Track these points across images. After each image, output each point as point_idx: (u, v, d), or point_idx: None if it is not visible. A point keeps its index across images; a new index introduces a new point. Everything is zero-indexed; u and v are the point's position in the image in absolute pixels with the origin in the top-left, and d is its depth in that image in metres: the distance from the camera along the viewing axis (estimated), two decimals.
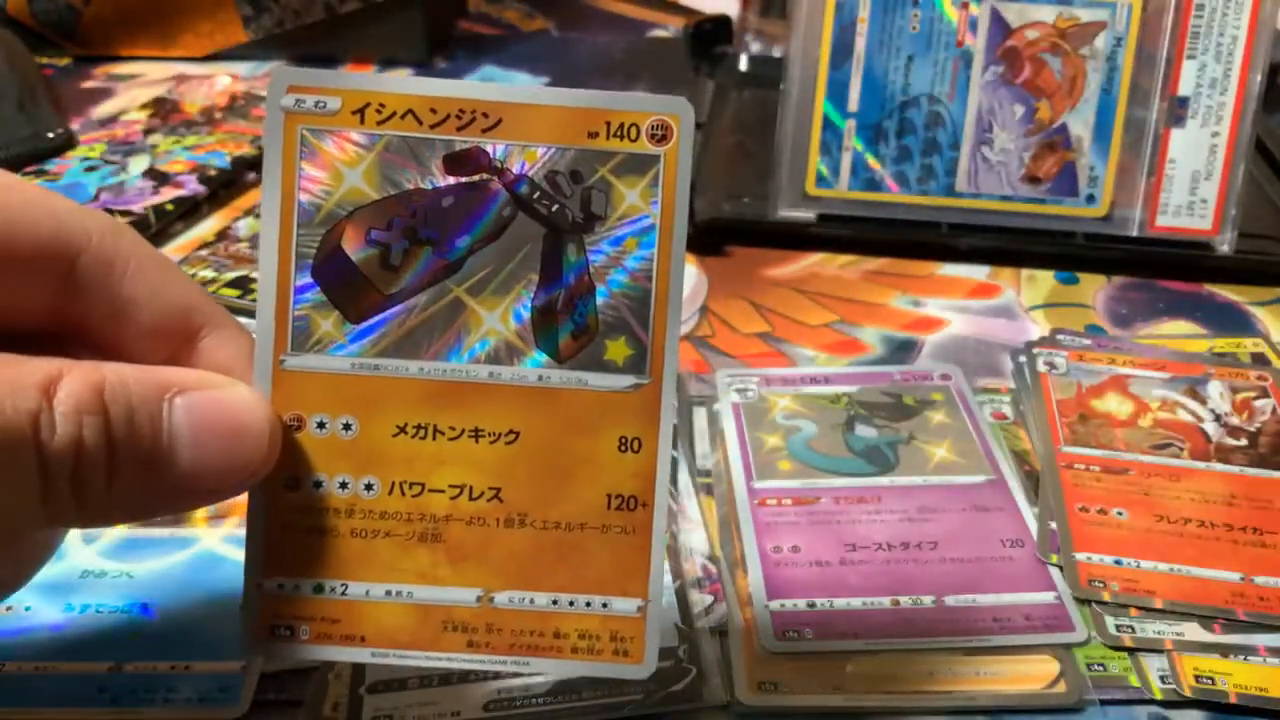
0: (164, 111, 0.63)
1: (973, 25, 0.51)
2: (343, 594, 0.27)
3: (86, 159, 0.57)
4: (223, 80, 0.66)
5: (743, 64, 0.67)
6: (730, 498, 0.39)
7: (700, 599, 0.35)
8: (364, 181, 0.26)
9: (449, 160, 0.26)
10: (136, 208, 0.53)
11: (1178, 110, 0.51)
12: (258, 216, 0.53)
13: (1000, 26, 0.51)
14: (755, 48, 0.69)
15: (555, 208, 0.27)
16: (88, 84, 0.69)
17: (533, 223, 0.27)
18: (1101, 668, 0.33)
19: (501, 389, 0.27)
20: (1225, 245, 0.51)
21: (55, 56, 0.72)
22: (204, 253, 0.50)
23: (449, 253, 0.27)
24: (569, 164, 0.27)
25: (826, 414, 0.42)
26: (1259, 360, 0.46)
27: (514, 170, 0.27)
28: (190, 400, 0.25)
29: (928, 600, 0.35)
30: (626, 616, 0.27)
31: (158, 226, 0.53)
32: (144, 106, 0.63)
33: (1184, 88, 0.50)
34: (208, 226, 0.55)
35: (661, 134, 0.27)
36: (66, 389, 0.23)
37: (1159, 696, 0.32)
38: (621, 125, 0.26)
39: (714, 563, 0.36)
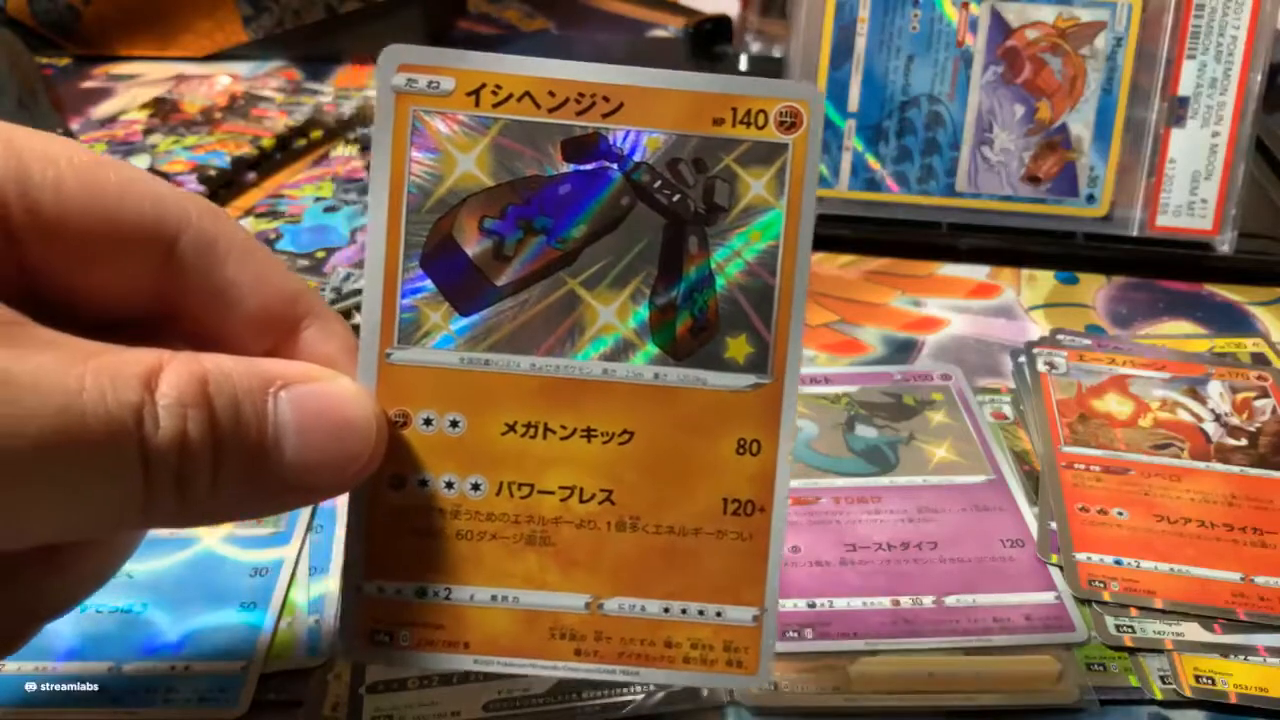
0: (164, 111, 0.63)
1: (973, 25, 0.51)
2: (446, 598, 0.26)
3: None
4: (223, 80, 0.66)
5: (743, 64, 0.67)
6: None
7: None
8: (477, 167, 0.25)
9: (567, 146, 0.25)
10: None
11: (1178, 110, 0.50)
12: (258, 216, 0.53)
13: (1000, 26, 0.51)
14: (755, 48, 0.69)
15: (677, 197, 0.25)
16: (88, 84, 0.69)
17: (653, 213, 0.26)
18: (1101, 668, 0.33)
19: (616, 387, 0.26)
20: (1225, 245, 0.51)
21: (55, 56, 0.72)
22: None
23: (565, 243, 0.26)
24: (692, 151, 0.25)
25: (826, 414, 0.42)
26: (1259, 360, 0.46)
27: (634, 157, 0.25)
28: (296, 394, 0.24)
29: (928, 600, 0.35)
30: (741, 626, 0.26)
31: None
32: (144, 106, 0.63)
33: (1184, 88, 0.50)
34: None
35: (791, 121, 0.25)
36: (169, 380, 0.22)
37: (1159, 696, 0.32)
38: (749, 112, 0.25)
39: None
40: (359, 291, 0.47)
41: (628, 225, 0.26)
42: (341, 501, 0.38)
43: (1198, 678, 0.32)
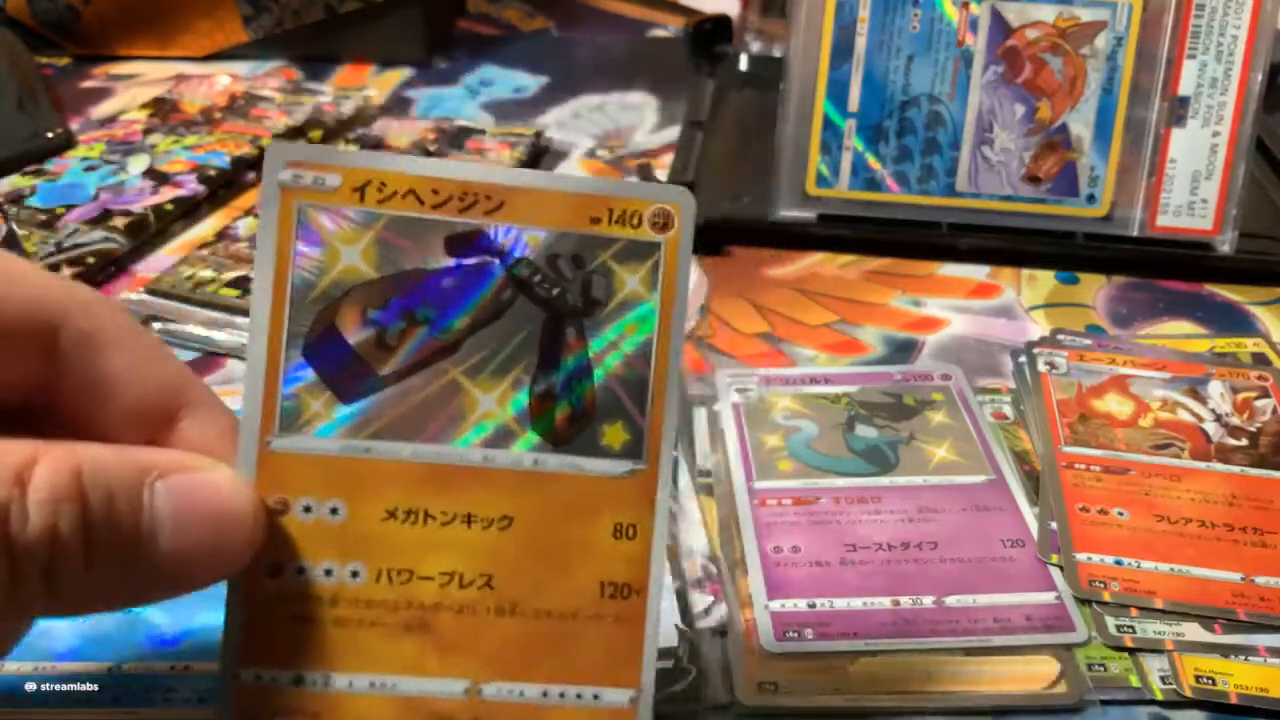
0: (164, 111, 0.63)
1: (973, 25, 0.51)
2: (324, 686, 0.26)
3: (86, 159, 0.57)
4: (222, 80, 0.66)
5: (743, 64, 0.67)
6: (730, 498, 0.39)
7: (700, 599, 0.35)
8: (362, 260, 0.26)
9: (450, 241, 0.26)
10: (136, 207, 0.53)
11: (1178, 110, 0.50)
12: (257, 216, 0.53)
13: (1000, 26, 0.51)
14: (755, 48, 0.69)
15: (556, 291, 0.26)
16: (87, 84, 0.69)
17: (533, 306, 0.26)
18: (1102, 668, 0.33)
19: (496, 473, 0.26)
20: (1226, 245, 0.51)
21: (55, 56, 0.72)
22: (204, 252, 0.50)
23: (447, 334, 0.26)
24: (571, 248, 0.26)
25: (827, 414, 0.42)
26: (1260, 360, 0.46)
27: (515, 253, 0.26)
28: (172, 483, 0.24)
29: (928, 600, 0.35)
30: (618, 708, 0.27)
31: (157, 226, 0.53)
32: (144, 106, 0.63)
33: (1184, 87, 0.50)
34: (208, 226, 0.55)
35: (663, 221, 0.26)
36: (42, 474, 0.22)
37: (1159, 697, 0.32)
38: (624, 212, 0.26)
39: (714, 563, 0.36)
40: None
41: (509, 317, 0.26)
42: None
43: (1198, 678, 0.32)
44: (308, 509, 0.26)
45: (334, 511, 0.26)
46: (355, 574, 0.26)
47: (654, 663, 0.27)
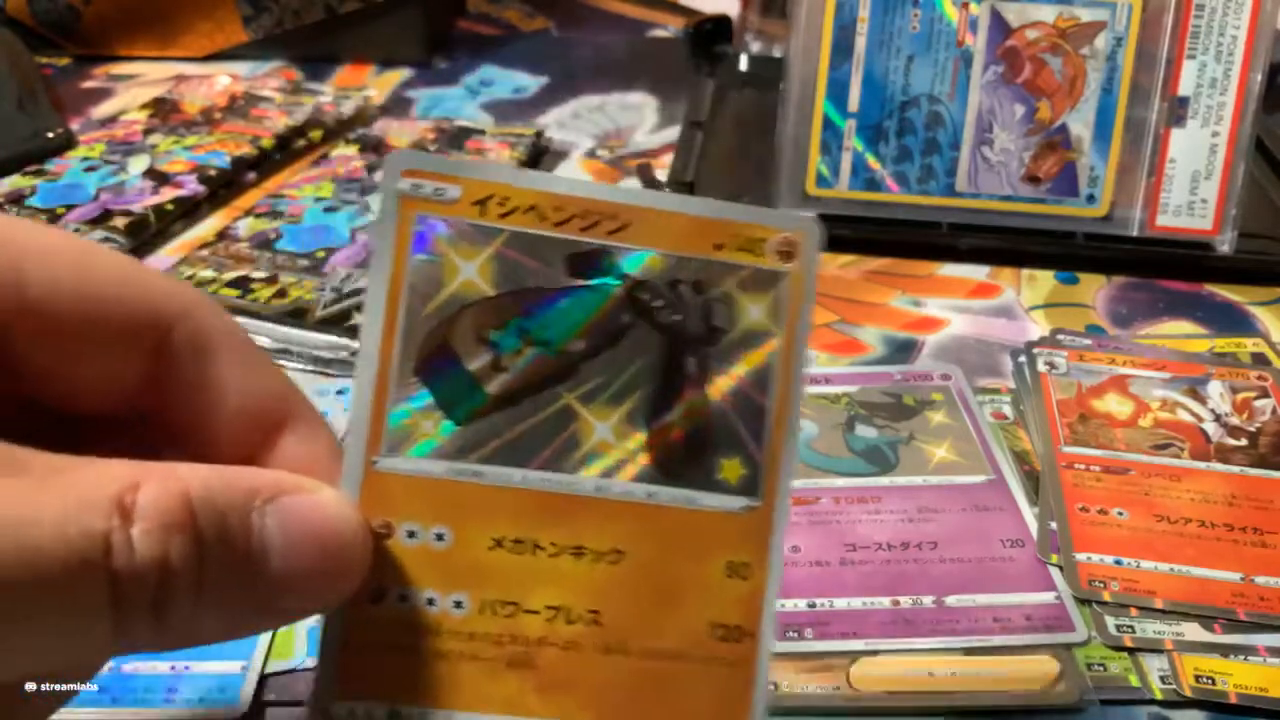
0: (164, 111, 0.63)
1: (973, 25, 0.51)
2: None
3: (86, 159, 0.57)
4: (223, 80, 0.66)
5: (743, 64, 0.67)
6: None
7: None
8: (479, 275, 0.25)
9: (571, 261, 0.25)
10: (136, 208, 0.53)
11: (1178, 110, 0.50)
12: (258, 216, 0.53)
13: (1000, 26, 0.51)
14: (755, 48, 0.69)
15: (676, 317, 0.25)
16: (87, 84, 0.69)
17: (652, 332, 0.25)
18: (1102, 668, 0.33)
19: (608, 504, 0.25)
20: (1225, 245, 0.51)
21: (55, 56, 0.72)
22: (204, 253, 0.50)
23: (563, 357, 0.25)
24: (693, 273, 0.25)
25: (826, 414, 0.42)
26: (1259, 360, 0.46)
27: (637, 276, 0.25)
28: (282, 506, 0.22)
29: (928, 600, 0.35)
30: None
31: (157, 226, 0.53)
32: (144, 106, 0.63)
33: (1184, 87, 0.50)
34: (208, 226, 0.55)
35: (788, 251, 0.26)
36: (147, 499, 0.21)
37: (1159, 697, 0.32)
38: (748, 239, 0.25)
39: None
40: (359, 291, 0.47)
41: (627, 342, 0.25)
42: None
43: (1198, 678, 0.32)
44: (412, 534, 0.25)
45: (439, 537, 0.25)
46: (459, 604, 0.25)
47: (764, 712, 0.25)
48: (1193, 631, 0.34)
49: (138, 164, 0.57)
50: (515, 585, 0.25)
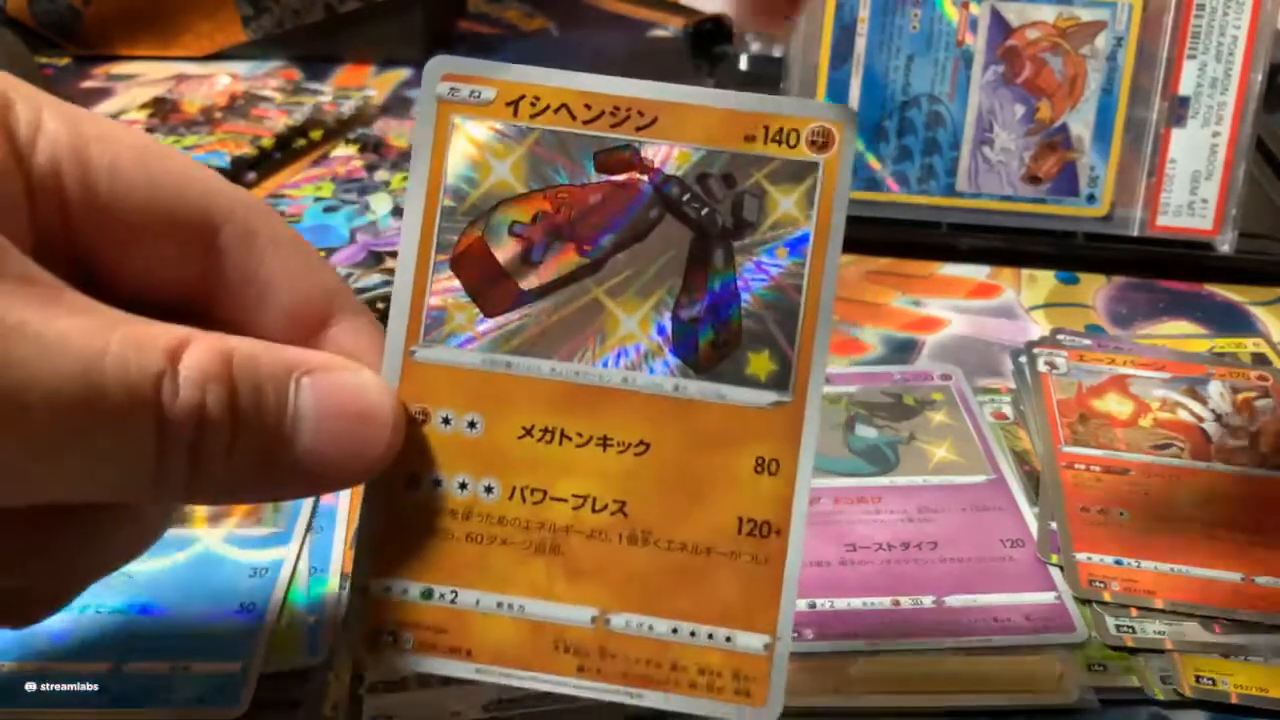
0: (164, 111, 0.63)
1: (973, 25, 0.51)
2: (452, 602, 0.26)
3: None
4: (222, 80, 0.66)
5: (743, 64, 0.67)
6: None
7: None
8: (512, 174, 0.26)
9: (600, 157, 0.26)
10: None
11: (1178, 110, 0.50)
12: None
13: (1000, 26, 0.51)
14: (755, 48, 0.69)
15: (705, 212, 0.26)
16: (87, 84, 0.69)
17: (680, 226, 0.26)
18: (1102, 668, 0.33)
19: (635, 396, 0.26)
20: (1226, 245, 0.51)
21: (55, 56, 0.72)
22: None
23: (592, 251, 0.26)
24: (722, 167, 0.26)
25: (826, 414, 0.42)
26: (1260, 360, 0.46)
27: (665, 170, 0.26)
28: (318, 380, 0.24)
29: (928, 600, 0.35)
30: (751, 654, 0.26)
31: None
32: (143, 106, 0.63)
33: (1185, 87, 0.50)
34: None
35: (823, 141, 0.25)
36: (193, 354, 0.23)
37: (1160, 697, 0.32)
38: (780, 130, 0.25)
39: None
40: (361, 291, 0.47)
41: (655, 236, 0.26)
42: (343, 503, 0.38)
43: (1198, 678, 0.32)
44: (446, 421, 0.26)
45: (472, 425, 0.26)
46: (489, 489, 0.26)
47: (793, 609, 0.26)
48: (1193, 631, 0.34)
49: None
50: (543, 473, 0.26)
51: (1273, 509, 0.38)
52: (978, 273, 0.52)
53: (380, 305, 0.46)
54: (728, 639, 0.26)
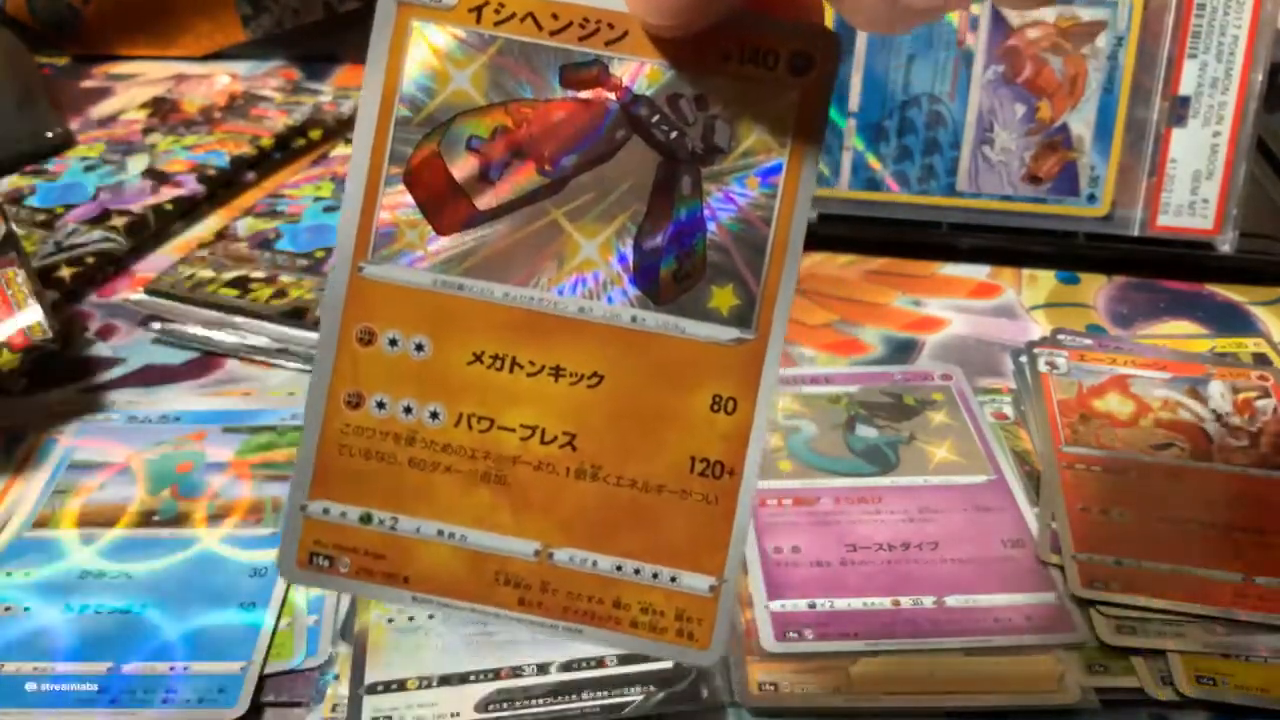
0: (163, 111, 0.63)
1: (973, 24, 0.51)
2: (391, 528, 0.25)
3: (85, 158, 0.57)
4: (222, 80, 0.66)
5: None
6: None
7: None
8: (472, 85, 0.24)
9: (566, 71, 0.24)
10: (135, 207, 0.53)
11: (1179, 110, 0.50)
12: (258, 216, 0.53)
13: (1001, 26, 0.51)
14: None
15: (674, 134, 0.24)
16: (87, 83, 0.69)
17: (647, 148, 0.24)
18: (1102, 668, 0.33)
19: (590, 326, 0.25)
20: (1226, 245, 0.51)
21: (54, 56, 0.72)
22: (203, 252, 0.50)
23: (553, 171, 0.24)
24: (695, 88, 0.24)
25: (827, 414, 0.42)
26: (1260, 360, 0.46)
27: (634, 89, 0.24)
28: None
29: (928, 601, 0.35)
30: (696, 595, 0.25)
31: (157, 226, 0.53)
32: (143, 106, 0.63)
33: (1185, 87, 0.50)
34: (207, 226, 0.55)
35: (804, 65, 0.24)
36: None
37: (1160, 697, 0.32)
38: (758, 51, 0.24)
39: None
40: None
41: (620, 159, 0.24)
42: None
43: (1198, 678, 0.32)
44: (394, 342, 0.25)
45: (419, 348, 0.25)
46: (435, 415, 0.25)
47: (741, 553, 0.25)
48: (1193, 632, 0.34)
49: (137, 163, 0.57)
50: (492, 401, 0.25)
51: (1273, 509, 0.38)
52: (978, 273, 0.52)
53: None
54: (673, 579, 0.25)
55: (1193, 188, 0.51)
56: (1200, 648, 0.33)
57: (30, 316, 0.42)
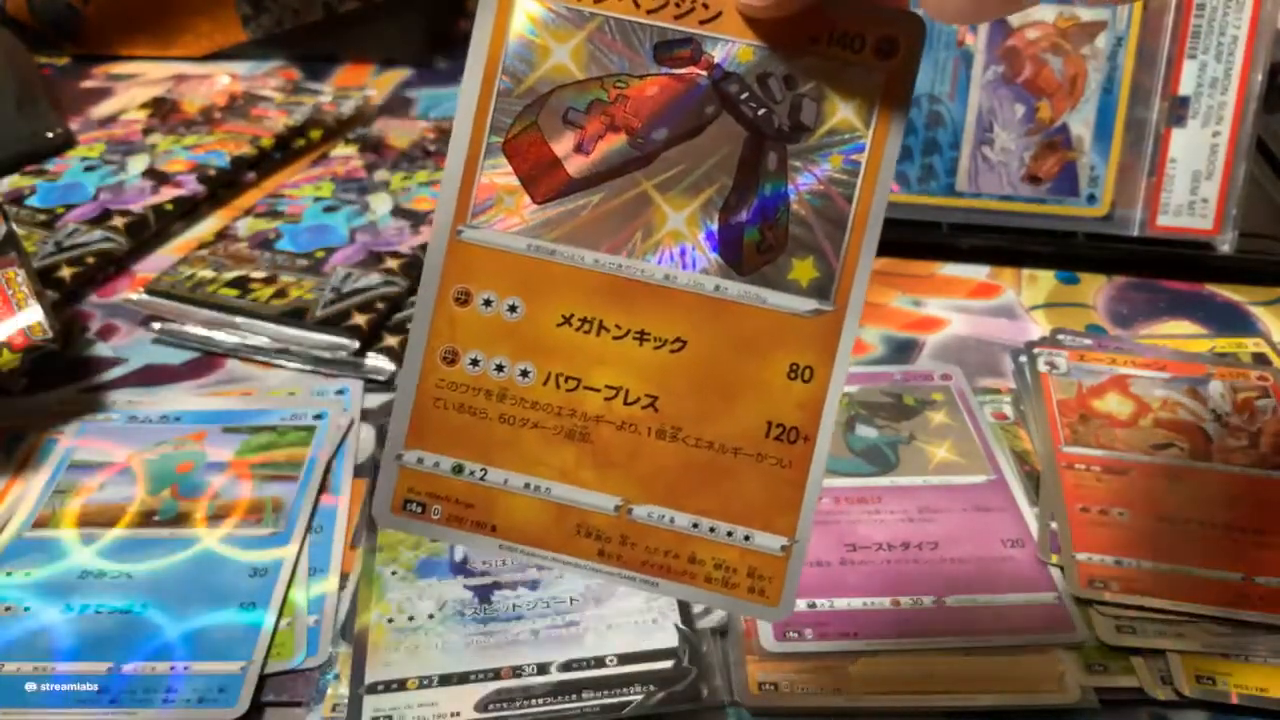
0: (163, 111, 0.63)
1: (973, 25, 0.51)
2: (481, 479, 0.26)
3: (86, 159, 0.57)
4: (222, 80, 0.66)
5: None
6: None
7: None
8: (571, 59, 0.25)
9: (660, 48, 0.25)
10: (135, 207, 0.53)
11: (1178, 110, 0.50)
12: (258, 216, 0.53)
13: (1001, 26, 0.51)
14: None
15: (762, 111, 0.25)
16: (87, 84, 0.69)
17: (735, 124, 0.25)
18: (1102, 668, 0.33)
19: (675, 294, 0.26)
20: (1226, 245, 0.51)
21: (54, 56, 0.72)
22: (203, 252, 0.50)
23: (644, 144, 0.26)
24: (784, 68, 0.25)
25: None
26: (1260, 360, 0.46)
27: (725, 67, 0.25)
28: None
29: (928, 600, 0.35)
30: (768, 554, 0.26)
31: (157, 226, 0.53)
32: (143, 106, 0.63)
33: (1185, 87, 0.50)
34: (207, 226, 0.55)
35: (889, 49, 0.25)
36: None
37: (1160, 696, 0.32)
38: (846, 34, 0.25)
39: None
40: (360, 291, 0.47)
41: (709, 134, 0.25)
42: (342, 504, 0.38)
43: (1198, 678, 0.32)
44: (488, 303, 0.26)
45: (512, 309, 0.26)
46: (525, 373, 0.26)
47: (812, 514, 0.26)
48: (1192, 632, 0.34)
49: (137, 164, 0.57)
50: (579, 362, 0.26)
51: (1273, 509, 0.38)
52: (978, 273, 0.52)
53: (380, 305, 0.46)
54: (746, 537, 0.26)
55: (1192, 188, 0.51)
56: (1200, 648, 0.33)
57: (30, 316, 0.42)
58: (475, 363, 0.26)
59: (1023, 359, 0.45)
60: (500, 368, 0.26)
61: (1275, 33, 0.50)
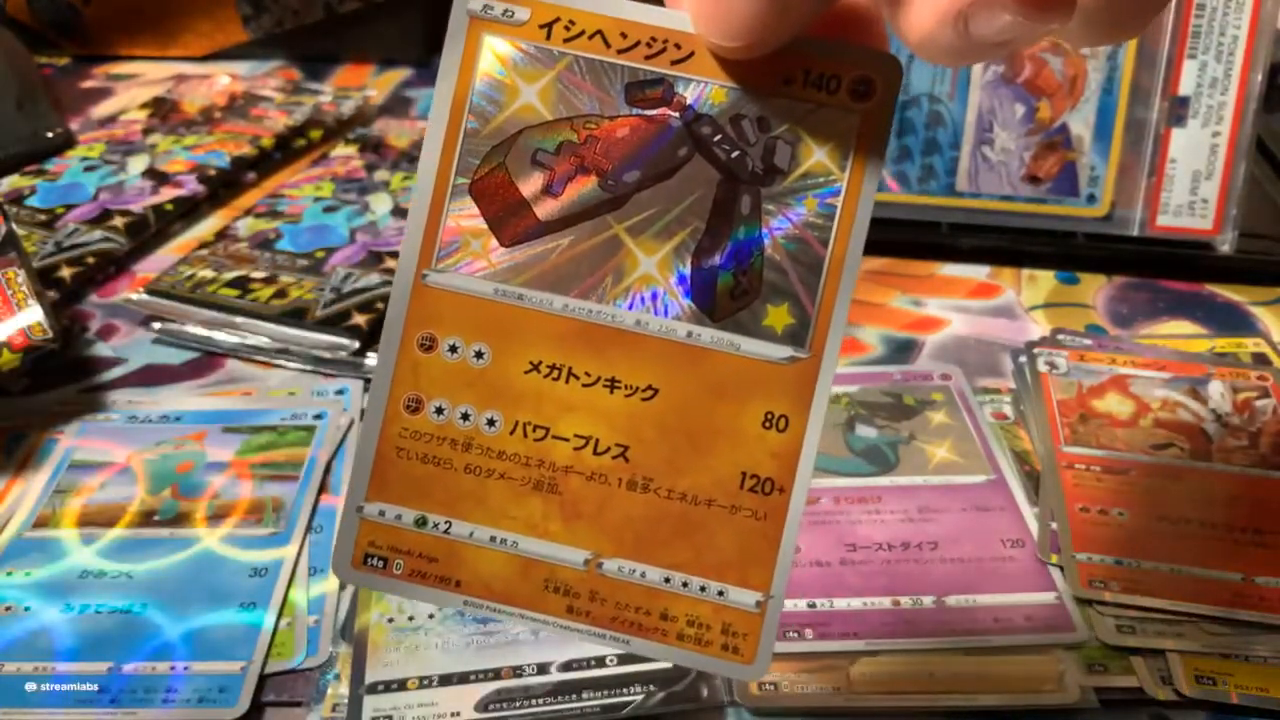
0: (163, 111, 0.63)
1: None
2: (445, 532, 0.25)
3: (86, 159, 0.57)
4: (222, 80, 0.66)
5: None
6: None
7: None
8: (539, 100, 0.25)
9: (631, 88, 0.25)
10: (136, 208, 0.53)
11: (1178, 110, 0.50)
12: (258, 216, 0.53)
13: None
14: None
15: (735, 154, 0.25)
16: (87, 83, 0.69)
17: (708, 167, 0.25)
18: (1102, 668, 0.33)
19: (646, 340, 0.25)
20: (1226, 245, 0.51)
21: (55, 56, 0.72)
22: (203, 253, 0.50)
23: (615, 186, 0.25)
24: (757, 109, 0.25)
25: (826, 414, 0.42)
26: (1260, 360, 0.46)
27: (697, 108, 0.25)
28: None
29: (928, 600, 0.35)
30: (743, 610, 0.25)
31: (157, 226, 0.53)
32: (143, 106, 0.63)
33: (1185, 87, 0.50)
34: (207, 226, 0.55)
35: (864, 90, 0.24)
36: None
37: (1160, 697, 0.32)
38: (821, 75, 0.24)
39: None
40: (360, 291, 0.47)
41: (682, 176, 0.25)
42: (342, 505, 0.38)
43: (1198, 678, 0.32)
44: (454, 349, 0.25)
45: (479, 355, 0.25)
46: (491, 422, 0.25)
47: (788, 569, 0.25)
48: (1193, 632, 0.34)
49: (137, 164, 0.57)
50: (548, 410, 0.25)
51: (1273, 509, 0.38)
52: (978, 273, 0.52)
53: (380, 305, 0.46)
54: (720, 593, 0.25)
55: (1192, 188, 0.51)
56: (1200, 648, 0.33)
57: (30, 316, 0.42)
58: (440, 411, 0.25)
59: (1022, 359, 0.45)
60: (466, 416, 0.25)
61: (1275, 33, 0.50)
